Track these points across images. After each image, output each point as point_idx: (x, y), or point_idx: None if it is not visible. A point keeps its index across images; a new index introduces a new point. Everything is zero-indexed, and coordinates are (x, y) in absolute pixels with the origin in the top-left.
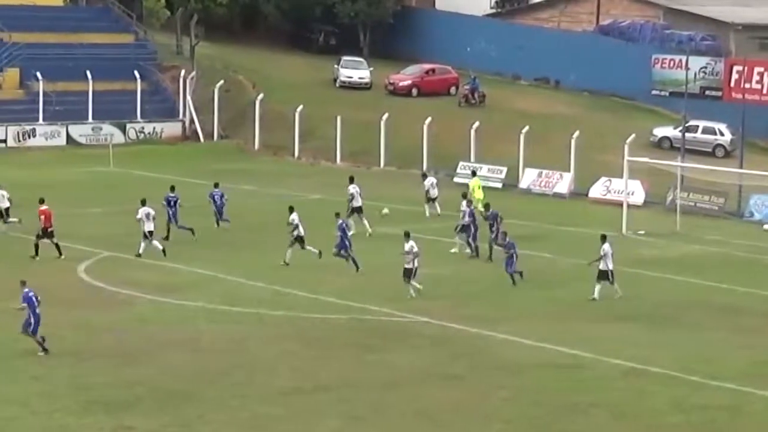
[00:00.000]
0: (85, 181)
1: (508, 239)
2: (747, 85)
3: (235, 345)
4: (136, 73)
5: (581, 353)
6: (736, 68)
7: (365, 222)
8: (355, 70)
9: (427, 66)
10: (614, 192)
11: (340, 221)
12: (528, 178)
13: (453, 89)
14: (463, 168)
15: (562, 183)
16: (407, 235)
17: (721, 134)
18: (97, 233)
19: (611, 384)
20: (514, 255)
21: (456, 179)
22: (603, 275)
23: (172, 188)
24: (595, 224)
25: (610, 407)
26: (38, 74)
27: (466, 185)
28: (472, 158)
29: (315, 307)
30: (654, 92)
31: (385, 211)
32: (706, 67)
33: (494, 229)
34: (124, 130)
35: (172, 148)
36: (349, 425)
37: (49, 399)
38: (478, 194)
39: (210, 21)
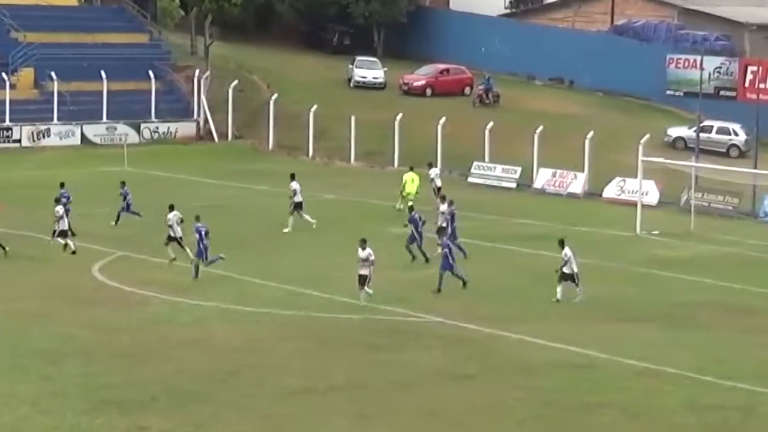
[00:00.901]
0: (99, 181)
1: (447, 242)
2: (762, 85)
3: (248, 345)
4: (150, 73)
5: (595, 353)
6: (750, 68)
7: (306, 217)
8: (369, 70)
9: (442, 66)
10: (628, 192)
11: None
12: (542, 178)
13: (467, 89)
14: (477, 168)
15: (576, 183)
16: (363, 242)
17: (736, 134)
18: (112, 233)
19: (625, 384)
20: (449, 256)
21: (470, 179)
22: (567, 277)
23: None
24: (609, 224)
25: (623, 407)
26: (53, 74)
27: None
28: (486, 158)
29: (328, 307)
30: (668, 92)
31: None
32: (720, 67)
33: (418, 232)
34: (138, 130)
35: (186, 148)
36: (361, 425)
37: (60, 399)
38: (410, 188)
39: (224, 21)
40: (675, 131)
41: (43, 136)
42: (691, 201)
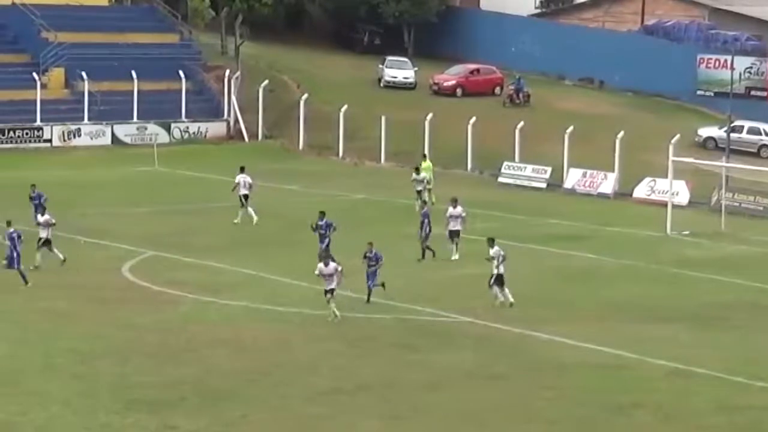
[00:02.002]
0: (129, 180)
1: (374, 251)
2: None
3: (278, 344)
4: (181, 72)
5: (625, 353)
6: None
7: (250, 210)
8: (399, 70)
9: (472, 66)
10: (659, 192)
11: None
12: (572, 178)
13: (498, 89)
14: (507, 168)
15: (607, 183)
16: (327, 257)
17: (767, 134)
18: (142, 233)
19: (655, 384)
20: (377, 270)
21: (500, 179)
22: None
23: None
24: (639, 224)
25: (653, 408)
26: (83, 74)
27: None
28: (517, 158)
29: (358, 307)
30: (699, 92)
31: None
32: (751, 67)
33: (327, 238)
34: (168, 130)
35: (216, 147)
36: (391, 425)
37: (91, 398)
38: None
39: (255, 21)
40: (705, 131)
41: (74, 136)
42: (721, 201)
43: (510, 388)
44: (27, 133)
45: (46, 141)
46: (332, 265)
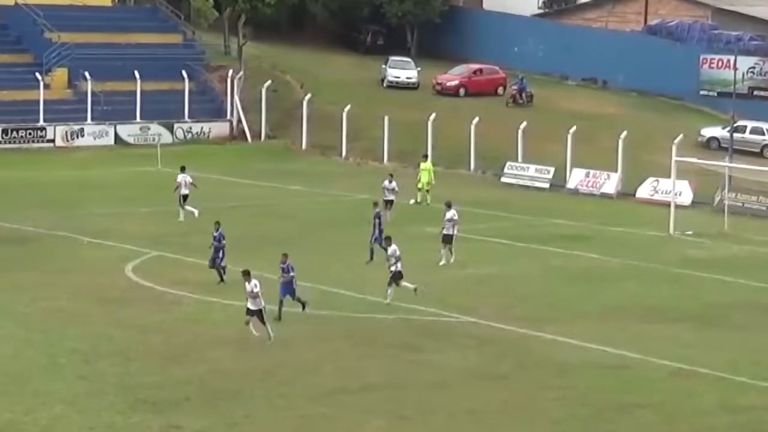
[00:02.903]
0: (132, 180)
1: (288, 263)
2: None
3: (282, 344)
4: (184, 73)
5: (628, 353)
6: None
7: (188, 208)
8: (402, 70)
9: (475, 66)
10: (662, 192)
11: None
12: (575, 178)
13: (500, 89)
14: (510, 168)
15: (610, 183)
16: (247, 274)
17: None
18: (145, 233)
19: (658, 384)
20: (293, 280)
21: (503, 179)
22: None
23: None
24: (642, 225)
25: (657, 408)
26: (86, 74)
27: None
28: (520, 158)
29: (362, 307)
30: (702, 92)
31: (411, 201)
32: (754, 68)
33: (221, 251)
34: (171, 130)
35: (219, 148)
36: (395, 425)
37: (96, 398)
38: (425, 177)
39: (258, 21)
40: (708, 131)
41: (77, 136)
42: (724, 201)
43: (514, 388)
44: (30, 133)
45: (49, 141)
46: (253, 281)
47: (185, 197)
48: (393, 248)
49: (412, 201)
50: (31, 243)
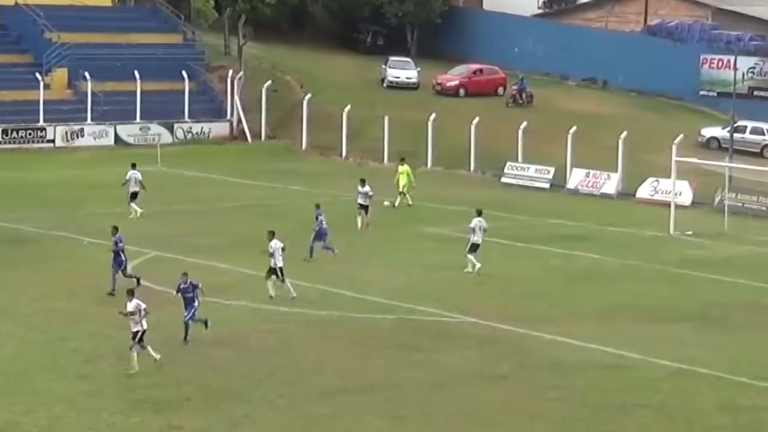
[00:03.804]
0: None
1: (189, 280)
2: None
3: (282, 345)
4: (184, 73)
5: (628, 354)
6: None
7: (133, 205)
8: (402, 71)
9: (475, 66)
10: (662, 192)
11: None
12: (575, 178)
13: (500, 89)
14: (510, 168)
15: (610, 183)
16: (131, 293)
17: None
18: (145, 233)
19: (658, 384)
20: (195, 300)
21: (504, 179)
22: (272, 271)
23: None
24: (642, 225)
25: (656, 408)
26: (86, 74)
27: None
28: (520, 158)
29: (362, 307)
30: (702, 92)
31: (386, 203)
32: (754, 68)
33: (123, 256)
34: (171, 130)
35: (219, 148)
36: (395, 425)
37: (96, 398)
38: (403, 180)
39: (258, 21)
40: (709, 131)
41: (77, 136)
42: (724, 201)
43: (513, 388)
44: (30, 134)
45: (49, 141)
46: (134, 302)
47: (134, 195)
48: (273, 243)
49: (386, 203)
50: (31, 243)
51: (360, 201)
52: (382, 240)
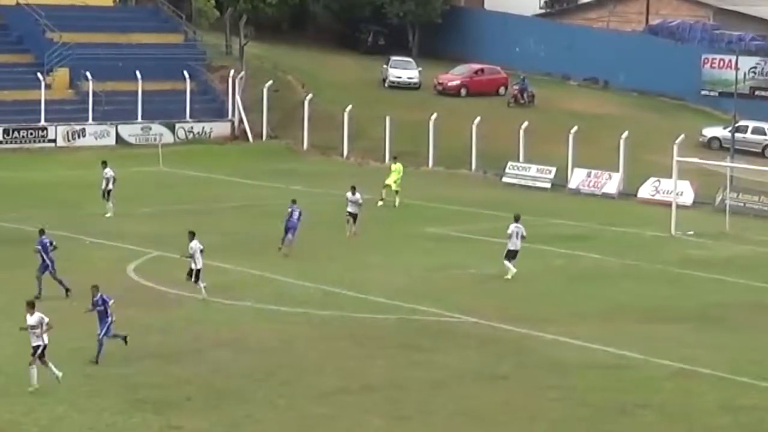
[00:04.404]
0: (134, 180)
1: (100, 294)
2: None
3: (283, 345)
4: (185, 73)
5: (629, 354)
6: None
7: (109, 203)
8: (403, 70)
9: (476, 66)
10: (663, 192)
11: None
12: (577, 178)
13: (502, 89)
14: (512, 168)
15: (611, 183)
16: (31, 305)
17: None
18: (147, 233)
19: (659, 385)
20: (108, 316)
21: (505, 179)
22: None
23: None
24: (643, 225)
25: (658, 408)
26: (88, 74)
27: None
28: (521, 158)
29: (363, 307)
30: (703, 92)
31: (380, 203)
32: (755, 68)
33: (46, 259)
34: (173, 130)
35: (221, 148)
36: (395, 425)
37: (97, 398)
38: (394, 177)
39: (259, 21)
40: (710, 131)
41: (78, 136)
42: (726, 201)
43: (514, 388)
44: (32, 133)
45: (50, 141)
46: (36, 315)
47: (109, 192)
48: (193, 243)
49: (380, 203)
50: (32, 243)
51: (349, 209)
52: (383, 240)
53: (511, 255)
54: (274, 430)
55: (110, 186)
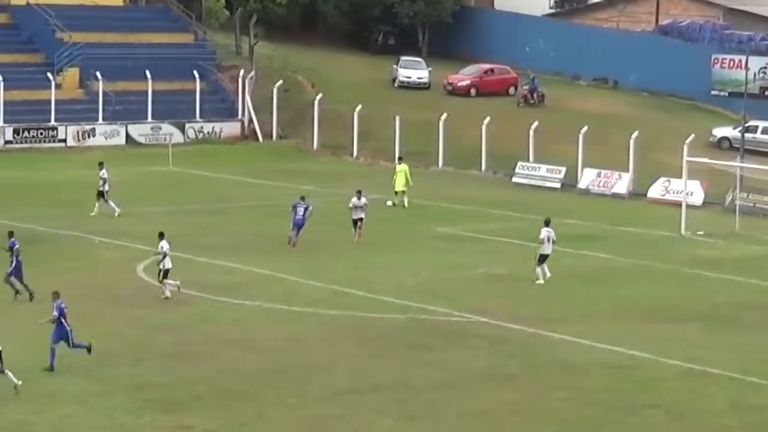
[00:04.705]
0: (144, 180)
1: (59, 301)
2: None
3: (293, 344)
4: (195, 72)
5: (638, 353)
6: None
7: (98, 204)
8: (413, 70)
9: (486, 66)
10: (673, 192)
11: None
12: (587, 178)
13: (512, 89)
14: (522, 168)
15: (621, 183)
16: (161, 236)
17: None
18: (156, 232)
19: (669, 385)
20: (64, 320)
21: (515, 179)
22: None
23: None
24: (653, 225)
25: (667, 408)
26: (98, 74)
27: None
28: (531, 158)
29: (373, 307)
30: (713, 92)
31: (389, 203)
32: (765, 67)
33: (12, 260)
34: (183, 130)
35: (230, 147)
36: (405, 425)
37: (106, 398)
38: (401, 180)
39: (269, 21)
40: (720, 131)
41: (89, 136)
42: (736, 201)
43: (523, 388)
44: (42, 133)
45: (60, 141)
46: (162, 241)
47: (103, 193)
48: (163, 243)
49: (389, 203)
50: (42, 243)
51: (354, 217)
52: (393, 240)
53: (542, 259)
54: (283, 429)
55: (106, 187)
